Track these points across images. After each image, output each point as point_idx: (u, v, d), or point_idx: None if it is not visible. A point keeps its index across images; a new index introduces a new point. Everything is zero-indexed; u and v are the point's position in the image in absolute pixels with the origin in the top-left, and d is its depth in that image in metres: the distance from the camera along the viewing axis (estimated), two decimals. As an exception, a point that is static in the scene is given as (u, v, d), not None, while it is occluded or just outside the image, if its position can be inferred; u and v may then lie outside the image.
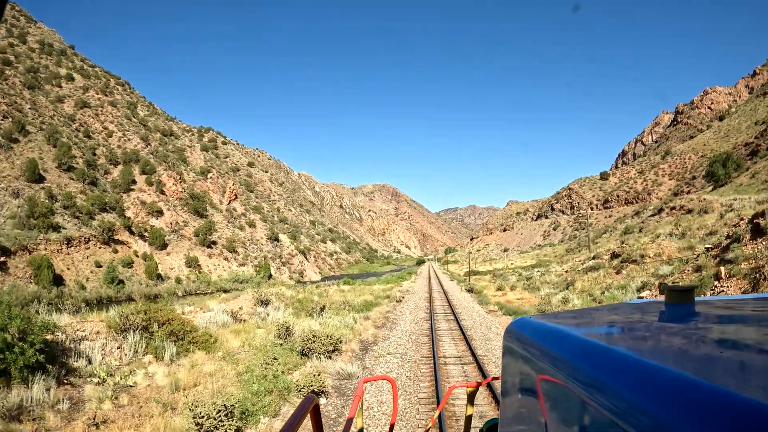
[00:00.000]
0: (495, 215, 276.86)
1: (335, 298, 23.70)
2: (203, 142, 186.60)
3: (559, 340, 1.21)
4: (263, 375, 8.59)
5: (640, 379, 0.78)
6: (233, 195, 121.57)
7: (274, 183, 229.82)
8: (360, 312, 19.09)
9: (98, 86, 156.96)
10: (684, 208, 36.43)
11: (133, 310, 13.19)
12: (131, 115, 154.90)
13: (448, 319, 19.12)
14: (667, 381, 0.73)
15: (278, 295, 20.94)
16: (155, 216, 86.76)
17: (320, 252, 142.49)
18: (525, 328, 1.46)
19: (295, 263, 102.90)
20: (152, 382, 10.06)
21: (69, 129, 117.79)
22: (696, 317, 1.33)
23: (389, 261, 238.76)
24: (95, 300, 57.11)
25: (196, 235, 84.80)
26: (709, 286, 16.08)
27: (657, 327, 1.33)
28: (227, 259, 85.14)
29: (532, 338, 1.35)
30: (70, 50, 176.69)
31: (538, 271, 38.60)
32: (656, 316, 1.47)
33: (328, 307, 19.24)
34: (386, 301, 26.01)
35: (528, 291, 30.54)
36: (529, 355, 1.32)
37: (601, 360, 0.94)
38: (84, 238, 70.22)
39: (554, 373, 1.11)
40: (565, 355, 1.09)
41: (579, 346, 1.09)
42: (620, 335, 1.32)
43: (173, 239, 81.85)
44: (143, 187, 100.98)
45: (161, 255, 77.26)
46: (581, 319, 1.62)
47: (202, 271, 77.44)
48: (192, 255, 78.68)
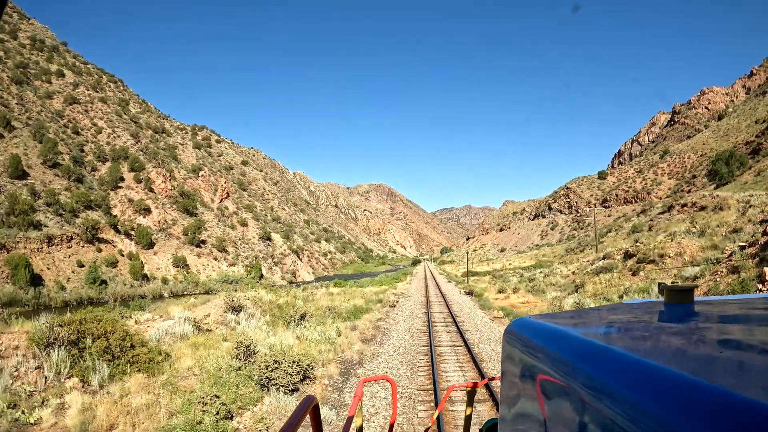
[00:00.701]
0: (491, 215, 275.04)
1: (322, 303, 21.26)
2: (196, 140, 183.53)
3: (559, 340, 1.20)
4: (197, 421, 6.24)
5: (640, 379, 0.78)
6: (225, 193, 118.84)
7: (268, 182, 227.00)
8: (347, 321, 16.61)
9: (89, 83, 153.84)
10: (696, 205, 34.32)
11: (64, 321, 10.67)
12: (122, 112, 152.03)
13: (449, 330, 16.54)
14: (667, 381, 0.73)
15: (255, 299, 18.42)
16: (143, 214, 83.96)
17: (314, 252, 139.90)
18: (524, 328, 1.46)
19: (287, 263, 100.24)
20: (61, 419, 7.59)
21: (56, 125, 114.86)
22: (696, 317, 1.33)
23: (384, 261, 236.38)
24: (75, 301, 54.43)
25: (185, 234, 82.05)
26: (751, 289, 13.85)
27: (657, 327, 1.33)
28: (217, 258, 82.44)
29: (531, 338, 1.34)
30: (63, 47, 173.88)
31: (540, 272, 36.31)
32: (656, 316, 1.47)
33: (311, 313, 16.83)
34: (378, 306, 23.49)
35: (532, 294, 28.25)
36: (529, 356, 1.31)
37: (600, 360, 0.94)
38: (66, 237, 67.42)
39: (554, 373, 1.11)
40: (565, 355, 1.09)
41: (579, 346, 1.10)
42: (620, 335, 1.31)
43: (161, 238, 79.11)
44: (131, 185, 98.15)
45: (148, 254, 74.54)
46: (581, 319, 1.60)
47: (190, 271, 74.75)
48: (180, 254, 75.98)
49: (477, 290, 31.54)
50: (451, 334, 15.70)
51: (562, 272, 32.14)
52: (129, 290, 62.39)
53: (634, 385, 0.78)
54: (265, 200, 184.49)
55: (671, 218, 35.41)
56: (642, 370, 0.81)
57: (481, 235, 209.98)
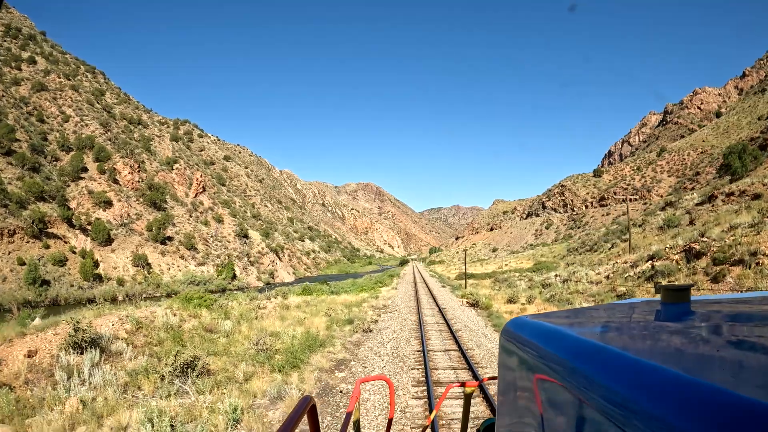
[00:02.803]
0: (481, 214, 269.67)
1: (263, 325, 14.19)
2: (173, 132, 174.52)
3: (556, 339, 1.19)
4: None
5: (637, 377, 0.78)
6: (200, 187, 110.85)
7: (251, 178, 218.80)
8: (280, 370, 9.82)
9: (64, 71, 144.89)
10: (747, 193, 28.18)
11: None
12: (94, 101, 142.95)
13: (471, 399, 9.27)
14: (663, 379, 0.72)
15: (138, 324, 11.27)
16: (102, 207, 75.87)
17: (296, 251, 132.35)
18: (521, 327, 1.43)
19: (265, 262, 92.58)
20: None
21: (18, 111, 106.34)
22: (692, 316, 1.32)
23: (371, 261, 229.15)
24: (5, 305, 46.64)
25: (149, 230, 74.11)
26: None
27: (653, 326, 1.33)
28: (184, 257, 74.57)
29: (528, 338, 1.33)
30: (41, 36, 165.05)
31: (556, 276, 29.67)
32: (652, 315, 1.48)
33: (228, 349, 9.98)
34: (346, 330, 16.41)
35: (554, 305, 21.60)
36: (526, 355, 1.30)
37: (597, 359, 0.94)
38: (8, 231, 59.32)
39: (551, 372, 1.10)
40: (562, 355, 1.08)
41: (575, 345, 1.09)
42: (616, 334, 1.31)
43: (121, 234, 71.12)
44: (95, 176, 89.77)
45: (104, 252, 66.59)
46: (577, 319, 1.58)
47: (152, 271, 66.94)
48: (142, 252, 68.12)
49: (482, 300, 24.28)
50: (477, 406, 8.21)
51: (588, 276, 25.45)
52: (76, 292, 54.55)
53: (631, 383, 0.77)
54: (246, 197, 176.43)
55: (715, 209, 29.11)
56: (639, 368, 0.80)
57: (471, 234, 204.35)
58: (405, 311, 23.63)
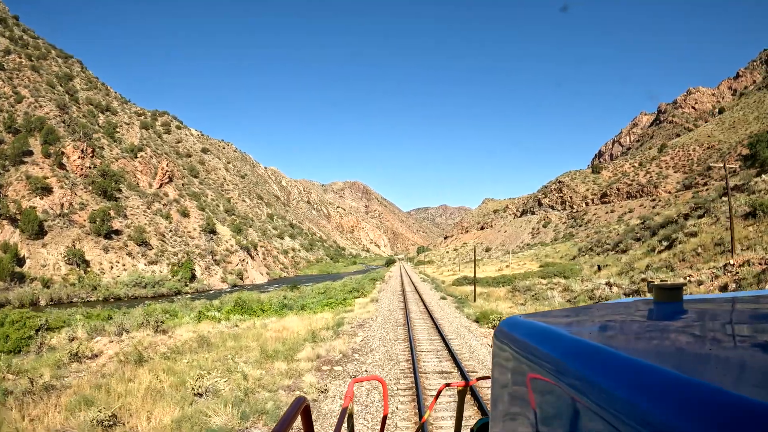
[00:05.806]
0: (470, 213, 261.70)
1: (152, 379, 5.24)
2: (145, 120, 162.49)
3: (549, 339, 1.20)
4: None
5: (630, 377, 0.78)
6: (166, 177, 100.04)
7: (230, 172, 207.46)
8: None
9: (29, 54, 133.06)
10: None
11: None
12: (56, 83, 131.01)
13: None
14: (656, 379, 0.72)
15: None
16: (40, 194, 64.94)
17: (272, 249, 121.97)
18: (515, 327, 1.43)
19: (233, 261, 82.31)
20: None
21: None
22: (684, 315, 1.33)
23: (356, 260, 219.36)
24: None
25: (92, 222, 63.41)
26: None
27: (646, 325, 1.35)
28: (132, 254, 64.05)
29: (522, 338, 1.33)
30: (13, 20, 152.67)
31: (610, 285, 20.61)
32: (645, 314, 1.49)
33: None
34: (287, 382, 6.82)
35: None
36: (520, 355, 1.30)
37: (591, 359, 0.94)
38: None
39: (544, 372, 1.10)
40: (555, 355, 1.08)
41: (569, 345, 1.09)
42: (610, 334, 1.31)
43: (57, 225, 60.45)
44: (39, 160, 78.73)
45: (34, 246, 55.95)
46: (571, 319, 1.59)
47: (90, 270, 56.49)
48: (78, 247, 57.51)
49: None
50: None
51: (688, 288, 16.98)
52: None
53: (624, 383, 0.77)
54: (224, 191, 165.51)
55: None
56: (632, 368, 0.80)
57: (460, 233, 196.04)
58: (386, 363, 11.92)
